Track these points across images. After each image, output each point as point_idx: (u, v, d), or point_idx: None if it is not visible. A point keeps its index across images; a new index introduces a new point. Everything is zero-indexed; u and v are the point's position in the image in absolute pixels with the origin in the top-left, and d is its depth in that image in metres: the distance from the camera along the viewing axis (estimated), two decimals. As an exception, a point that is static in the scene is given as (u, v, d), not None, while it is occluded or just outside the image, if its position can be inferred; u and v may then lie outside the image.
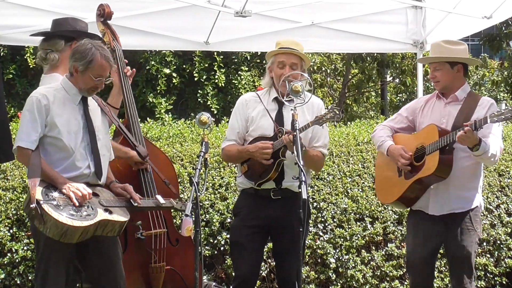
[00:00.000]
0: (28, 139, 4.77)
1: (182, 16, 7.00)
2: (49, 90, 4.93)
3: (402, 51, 12.82)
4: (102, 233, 4.77)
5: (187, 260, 5.57)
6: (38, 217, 4.60)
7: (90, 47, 4.86)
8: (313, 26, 7.36)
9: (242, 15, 6.20)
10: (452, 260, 5.62)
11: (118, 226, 4.81)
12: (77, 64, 4.87)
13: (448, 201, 5.48)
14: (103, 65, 4.87)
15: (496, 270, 8.57)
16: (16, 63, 13.15)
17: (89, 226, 4.65)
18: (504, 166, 8.90)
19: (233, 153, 5.75)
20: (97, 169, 4.94)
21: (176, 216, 7.58)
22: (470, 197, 5.51)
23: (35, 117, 4.80)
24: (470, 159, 5.39)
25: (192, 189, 4.95)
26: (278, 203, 5.63)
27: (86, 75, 4.87)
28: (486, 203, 8.63)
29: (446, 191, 5.46)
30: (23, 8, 6.67)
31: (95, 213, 4.71)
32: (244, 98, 5.85)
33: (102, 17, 5.88)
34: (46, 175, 4.74)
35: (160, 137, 8.29)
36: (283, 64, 5.66)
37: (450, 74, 5.54)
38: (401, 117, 5.81)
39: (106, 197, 4.91)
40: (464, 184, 5.48)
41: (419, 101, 5.82)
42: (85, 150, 4.91)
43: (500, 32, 16.82)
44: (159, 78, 13.92)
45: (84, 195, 4.72)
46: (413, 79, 15.98)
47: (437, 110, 5.60)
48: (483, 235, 8.59)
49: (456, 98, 5.55)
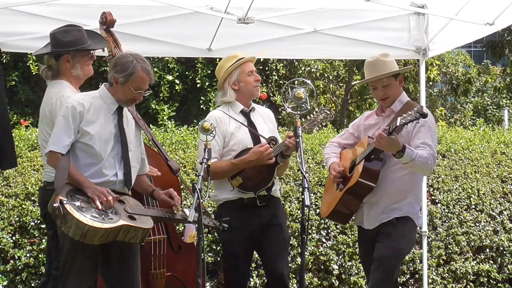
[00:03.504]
0: (61, 144, 4.85)
1: (185, 23, 7.00)
2: (86, 98, 5.02)
3: (405, 57, 12.75)
4: (124, 239, 4.79)
5: (189, 266, 5.58)
6: (60, 217, 4.67)
7: (132, 60, 4.93)
8: (316, 33, 7.36)
9: (245, 22, 6.21)
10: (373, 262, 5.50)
11: (140, 233, 4.83)
12: (117, 75, 4.95)
13: (379, 214, 5.46)
14: (143, 78, 4.95)
15: (499, 277, 8.56)
16: (18, 70, 13.14)
17: (110, 228, 4.69)
18: (507, 173, 8.90)
19: (224, 168, 5.70)
20: (125, 178, 5.00)
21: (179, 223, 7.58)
22: (400, 207, 5.46)
23: (69, 123, 4.88)
24: (402, 170, 5.37)
25: (195, 196, 4.96)
26: (264, 209, 5.75)
27: (126, 87, 4.95)
28: (489, 209, 8.63)
29: (377, 204, 5.46)
30: (25, 15, 6.67)
31: (118, 218, 4.75)
32: (215, 115, 5.81)
33: (105, 25, 5.90)
34: (74, 179, 4.82)
35: (163, 144, 8.30)
36: (252, 71, 5.90)
37: (396, 86, 5.52)
38: (348, 133, 5.84)
39: (132, 204, 4.95)
40: (395, 196, 5.44)
41: (362, 118, 5.81)
42: (114, 158, 4.97)
43: (502, 38, 16.85)
44: (162, 85, 13.91)
45: (108, 199, 4.76)
46: (416, 85, 15.97)
47: (376, 125, 5.56)
48: (486, 241, 8.58)
49: (392, 111, 5.50)
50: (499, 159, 8.99)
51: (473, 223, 8.59)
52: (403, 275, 8.24)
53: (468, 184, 8.71)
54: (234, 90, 5.87)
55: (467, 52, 28.26)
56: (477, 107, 24.67)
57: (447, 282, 8.36)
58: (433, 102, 21.18)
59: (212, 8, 6.56)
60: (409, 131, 5.30)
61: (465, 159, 8.88)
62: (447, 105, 23.50)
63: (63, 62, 5.49)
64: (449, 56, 22.93)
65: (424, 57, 7.59)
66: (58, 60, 5.50)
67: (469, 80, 20.86)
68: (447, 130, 9.83)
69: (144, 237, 4.88)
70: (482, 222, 8.62)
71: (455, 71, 22.71)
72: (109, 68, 5.07)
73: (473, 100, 24.68)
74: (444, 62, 22.16)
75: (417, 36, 7.49)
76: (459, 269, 8.45)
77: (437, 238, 8.48)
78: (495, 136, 9.52)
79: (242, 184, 5.71)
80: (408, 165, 5.23)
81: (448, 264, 8.48)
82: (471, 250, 8.58)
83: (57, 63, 5.51)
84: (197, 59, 13.83)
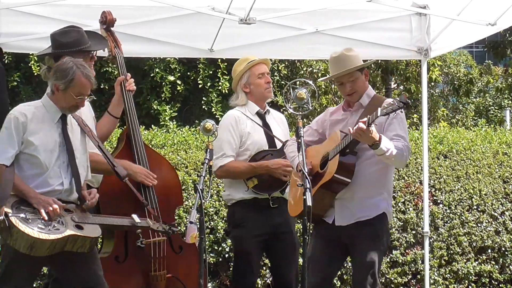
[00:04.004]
0: (4, 155, 4.80)
1: (187, 24, 6.99)
2: (28, 108, 4.97)
3: (407, 58, 12.81)
4: (72, 249, 4.78)
5: (190, 267, 5.56)
6: (5, 230, 4.64)
7: (71, 66, 4.89)
8: (318, 33, 7.35)
9: (247, 22, 6.20)
10: (355, 268, 5.42)
11: (88, 242, 4.83)
12: (58, 83, 4.90)
13: (354, 210, 5.27)
14: (84, 84, 4.90)
15: (501, 277, 8.56)
16: (20, 71, 13.17)
17: (57, 239, 4.67)
18: (509, 173, 8.90)
19: (241, 169, 5.83)
20: (71, 186, 4.95)
21: (181, 223, 7.58)
22: (376, 203, 5.31)
23: (12, 134, 4.83)
24: (375, 164, 5.25)
25: (196, 196, 4.96)
26: (276, 210, 5.83)
27: (67, 94, 4.90)
28: (491, 210, 8.63)
29: (352, 200, 5.26)
30: (27, 16, 6.67)
31: (65, 228, 4.73)
32: (234, 115, 5.96)
33: (105, 24, 5.90)
34: (18, 190, 4.78)
35: (165, 144, 8.30)
36: (263, 73, 5.98)
37: (363, 80, 5.41)
38: (311, 130, 5.64)
39: (79, 214, 4.92)
40: (370, 191, 5.29)
41: (327, 113, 5.63)
42: (60, 168, 4.92)
43: (504, 39, 16.82)
44: (164, 86, 13.93)
45: (54, 208, 4.74)
46: (418, 86, 15.97)
47: (343, 120, 5.42)
48: (488, 242, 8.58)
49: (361, 105, 5.39)
50: (501, 160, 8.99)
51: (475, 223, 8.59)
52: (405, 275, 8.24)
53: (470, 185, 8.71)
54: (246, 93, 5.97)
55: (469, 53, 28.27)
56: (479, 108, 24.65)
57: (449, 282, 8.36)
58: (435, 102, 21.17)
59: (214, 9, 6.55)
60: (381, 123, 5.15)
61: (467, 159, 8.88)
62: (449, 105, 23.51)
63: None
64: (451, 56, 22.95)
65: (426, 58, 7.58)
66: (57, 61, 5.49)
67: (471, 80, 20.83)
68: (449, 131, 9.84)
69: (93, 246, 4.88)
70: (484, 222, 8.62)
71: (457, 71, 22.73)
72: (50, 76, 5.02)
73: (475, 100, 24.67)
74: (446, 63, 22.17)
75: (419, 36, 7.49)
76: (461, 270, 8.45)
77: (439, 238, 8.48)
78: (497, 136, 9.52)
79: (257, 185, 5.79)
80: (384, 157, 5.07)
81: (450, 265, 8.47)
82: (473, 251, 8.58)
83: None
84: (199, 60, 13.84)
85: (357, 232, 5.27)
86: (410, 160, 8.62)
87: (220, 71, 13.96)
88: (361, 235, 5.26)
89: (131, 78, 5.85)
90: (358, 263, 5.31)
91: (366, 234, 5.26)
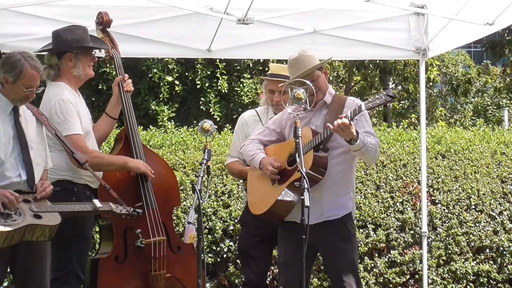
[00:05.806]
0: None
1: (184, 24, 6.99)
2: None
3: (405, 58, 12.81)
4: (32, 238, 4.79)
5: (189, 267, 5.57)
6: None
7: (20, 58, 4.90)
8: (315, 33, 7.35)
9: (245, 22, 6.21)
10: (333, 269, 5.37)
11: (48, 230, 4.82)
12: (7, 75, 4.91)
13: (322, 209, 5.23)
14: (33, 75, 4.91)
15: (499, 277, 8.56)
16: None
17: (13, 231, 4.67)
18: (507, 173, 8.90)
19: (234, 171, 6.24)
20: (29, 177, 4.94)
21: (179, 224, 7.59)
22: (344, 202, 5.33)
23: None
24: (343, 163, 5.27)
25: (194, 197, 4.96)
26: None
27: (16, 86, 4.91)
28: (489, 209, 8.63)
29: (319, 199, 5.18)
30: (24, 16, 6.67)
31: (22, 219, 4.73)
32: (244, 118, 6.24)
33: (101, 25, 5.91)
34: None
35: (163, 144, 8.30)
36: (272, 91, 6.03)
37: (324, 79, 5.43)
38: (269, 130, 5.58)
39: (38, 203, 4.91)
40: (337, 190, 5.29)
41: (284, 113, 5.53)
42: (16, 160, 4.91)
43: (502, 38, 16.86)
44: (162, 86, 13.94)
45: (11, 200, 4.72)
46: (416, 86, 15.98)
47: (305, 118, 5.34)
48: (486, 241, 8.58)
49: (325, 103, 5.38)
50: (499, 160, 8.99)
51: (473, 223, 8.59)
52: (403, 275, 8.24)
53: (468, 185, 8.71)
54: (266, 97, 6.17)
55: (467, 52, 28.30)
56: (477, 108, 24.70)
57: (447, 282, 8.36)
58: (433, 102, 21.22)
59: (211, 9, 6.55)
60: None
61: (465, 159, 8.88)
62: (447, 105, 23.56)
63: (65, 61, 5.50)
64: (449, 56, 22.98)
65: (424, 58, 7.58)
66: (60, 58, 5.50)
67: (469, 80, 20.88)
68: (447, 131, 9.83)
69: (53, 234, 4.85)
70: (482, 222, 8.62)
71: (455, 71, 22.77)
72: None
73: (473, 100, 24.71)
74: (444, 63, 22.21)
75: (417, 36, 7.49)
76: (459, 270, 8.45)
77: (437, 238, 8.48)
78: (495, 136, 9.52)
79: None
80: (359, 152, 5.10)
81: (448, 265, 8.47)
82: (471, 251, 8.58)
83: (59, 62, 5.50)
84: (197, 60, 13.86)
85: (328, 233, 5.27)
86: (408, 159, 8.64)
87: (218, 71, 13.96)
88: (333, 235, 5.28)
89: (129, 78, 5.86)
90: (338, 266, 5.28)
91: (337, 234, 5.28)
